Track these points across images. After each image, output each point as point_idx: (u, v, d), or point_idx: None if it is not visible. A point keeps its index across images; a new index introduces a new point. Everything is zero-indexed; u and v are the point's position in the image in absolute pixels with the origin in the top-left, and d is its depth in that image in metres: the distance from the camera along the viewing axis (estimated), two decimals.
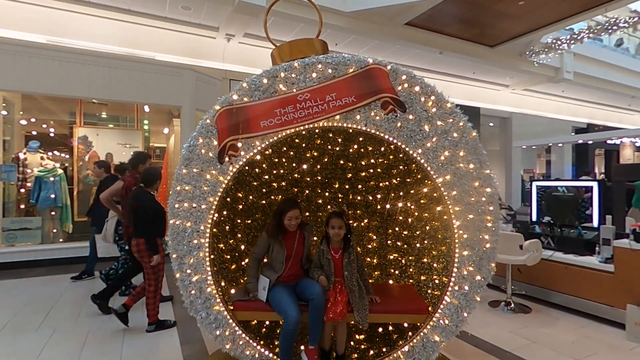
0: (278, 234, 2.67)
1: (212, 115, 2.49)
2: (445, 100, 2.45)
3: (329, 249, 2.66)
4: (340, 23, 7.00)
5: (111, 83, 6.37)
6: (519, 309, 4.10)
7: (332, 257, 2.64)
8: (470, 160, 2.42)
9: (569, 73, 10.29)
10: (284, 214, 2.64)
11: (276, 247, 2.66)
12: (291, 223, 2.64)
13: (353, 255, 2.64)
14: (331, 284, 2.56)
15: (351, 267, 2.60)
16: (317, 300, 2.45)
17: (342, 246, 2.67)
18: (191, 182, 2.47)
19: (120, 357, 3.04)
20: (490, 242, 2.42)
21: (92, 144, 6.89)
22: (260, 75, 2.51)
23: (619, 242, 3.67)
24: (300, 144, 3.29)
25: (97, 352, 3.13)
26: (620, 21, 7.12)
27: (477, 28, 7.97)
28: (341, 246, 2.67)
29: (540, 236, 4.57)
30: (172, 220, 2.49)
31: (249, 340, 2.54)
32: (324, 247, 2.67)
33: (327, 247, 2.67)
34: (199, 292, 2.49)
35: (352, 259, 2.62)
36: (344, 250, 2.65)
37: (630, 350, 3.19)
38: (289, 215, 2.63)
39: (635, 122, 16.10)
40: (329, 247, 2.67)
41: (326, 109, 2.43)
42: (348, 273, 2.58)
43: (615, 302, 3.62)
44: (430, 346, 2.47)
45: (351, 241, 2.70)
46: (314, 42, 2.74)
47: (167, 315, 3.83)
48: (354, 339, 2.99)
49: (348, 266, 2.60)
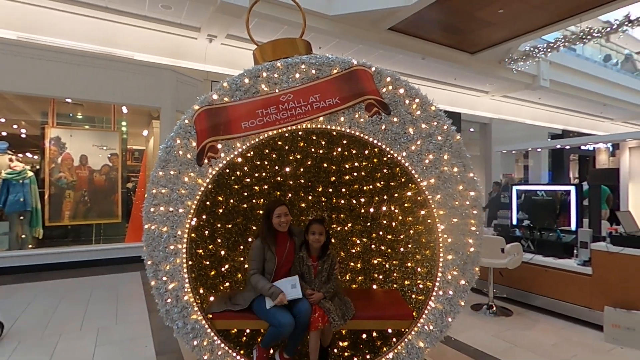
0: (270, 238, 2.54)
1: (190, 115, 2.40)
2: (429, 103, 2.43)
3: (309, 257, 2.60)
4: (324, 26, 6.99)
5: (87, 82, 6.13)
6: (500, 312, 4.13)
7: (312, 265, 2.58)
8: (454, 163, 2.41)
9: (545, 80, 10.62)
10: (271, 213, 2.55)
11: (268, 255, 2.53)
12: (280, 220, 2.53)
13: (327, 264, 2.59)
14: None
15: (321, 275, 2.56)
16: (302, 318, 2.37)
17: (319, 254, 2.62)
18: (168, 185, 2.36)
19: None
20: (475, 246, 2.40)
21: (65, 146, 6.60)
22: (241, 74, 2.43)
23: (596, 245, 3.74)
24: (283, 146, 3.22)
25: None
26: (593, 31, 7.38)
27: (459, 35, 8.11)
28: (318, 254, 2.62)
29: (521, 239, 4.63)
30: (147, 225, 2.37)
31: (228, 350, 2.44)
32: (304, 254, 2.61)
33: (306, 254, 2.60)
34: (176, 300, 2.37)
35: (325, 267, 2.58)
36: (320, 257, 2.60)
37: (608, 352, 3.24)
38: (276, 212, 2.54)
39: (607, 129, 16.76)
40: (309, 254, 2.60)
41: (309, 110, 2.38)
42: (318, 281, 2.55)
43: (593, 304, 3.69)
44: (414, 352, 2.43)
45: (329, 250, 2.65)
46: (297, 42, 2.69)
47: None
48: (337, 346, 2.92)
49: (319, 274, 2.55)
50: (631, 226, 3.66)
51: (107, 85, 6.28)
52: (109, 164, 7.00)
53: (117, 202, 7.03)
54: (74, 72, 6.05)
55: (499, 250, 4.04)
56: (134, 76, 6.53)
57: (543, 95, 12.30)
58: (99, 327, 3.68)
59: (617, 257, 3.52)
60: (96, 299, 4.58)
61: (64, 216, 6.62)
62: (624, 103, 13.57)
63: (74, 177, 6.69)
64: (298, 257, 2.62)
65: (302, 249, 2.63)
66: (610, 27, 7.10)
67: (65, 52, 6.27)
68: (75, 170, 6.70)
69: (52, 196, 6.51)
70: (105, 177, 6.94)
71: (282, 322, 2.32)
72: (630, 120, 16.31)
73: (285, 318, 2.33)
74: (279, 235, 2.60)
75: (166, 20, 6.93)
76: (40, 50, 5.93)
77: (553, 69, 10.89)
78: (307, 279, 2.57)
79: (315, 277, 2.57)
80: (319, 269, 2.57)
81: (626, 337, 3.32)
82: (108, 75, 6.30)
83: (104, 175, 6.95)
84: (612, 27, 7.10)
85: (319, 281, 2.56)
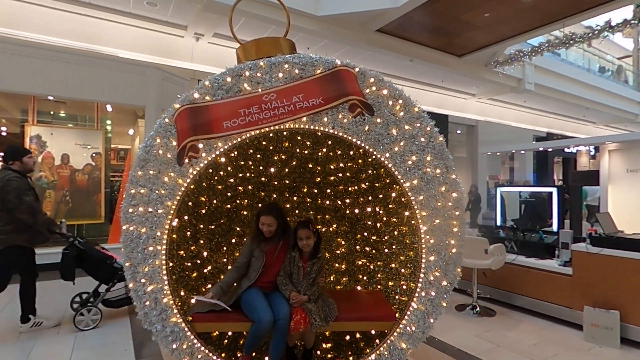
0: (258, 239, 2.59)
1: (171, 114, 2.35)
2: (412, 104, 2.43)
3: (300, 258, 2.57)
4: (312, 27, 6.97)
5: (69, 80, 5.98)
6: (484, 312, 4.17)
7: (302, 266, 2.55)
8: (437, 165, 2.41)
9: (530, 84, 10.81)
10: (258, 218, 2.60)
11: (256, 253, 2.57)
12: (263, 229, 2.57)
13: (317, 266, 2.56)
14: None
15: (309, 276, 2.54)
16: (282, 322, 2.35)
17: (310, 254, 2.59)
18: (147, 185, 2.31)
19: None
20: (457, 247, 2.41)
21: (46, 144, 6.43)
22: (223, 73, 2.39)
23: (576, 245, 3.81)
24: (267, 146, 3.19)
25: None
26: (576, 36, 7.54)
27: (446, 37, 8.19)
28: (309, 254, 2.59)
29: (504, 240, 4.69)
30: (125, 225, 2.31)
31: (208, 354, 2.39)
32: (296, 254, 2.57)
33: (298, 255, 2.57)
34: (155, 303, 2.32)
35: (314, 269, 2.55)
36: (311, 258, 2.58)
37: (588, 351, 3.30)
38: (261, 220, 2.58)
39: (589, 132, 17.18)
40: (301, 255, 2.58)
41: (293, 110, 2.35)
42: (306, 282, 2.52)
43: (573, 304, 3.75)
44: (397, 354, 2.42)
45: (319, 252, 2.62)
46: (280, 42, 2.67)
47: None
48: (320, 348, 2.90)
49: (307, 276, 2.53)
50: (610, 227, 3.74)
51: (91, 83, 6.14)
52: (92, 163, 6.85)
53: (100, 203, 6.88)
54: (56, 69, 5.90)
55: (482, 251, 4.08)
56: (119, 74, 6.40)
57: (528, 99, 12.53)
58: (76, 331, 3.58)
59: (596, 257, 3.59)
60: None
61: None
62: (605, 107, 13.91)
63: (55, 176, 6.52)
64: (290, 257, 2.59)
65: (294, 249, 2.60)
66: (591, 33, 7.27)
67: (47, 48, 6.12)
68: (56, 169, 6.54)
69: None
70: (87, 176, 6.79)
71: (262, 317, 2.31)
72: (611, 123, 16.72)
73: (266, 314, 2.33)
74: (268, 238, 2.61)
75: (152, 17, 6.83)
76: (21, 46, 5.76)
77: (538, 72, 11.10)
78: (294, 280, 2.54)
79: (303, 278, 2.54)
80: (308, 270, 2.55)
81: (605, 336, 3.38)
82: (92, 73, 6.16)
83: (87, 174, 6.80)
84: (594, 33, 7.26)
85: (306, 282, 2.53)
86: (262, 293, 2.51)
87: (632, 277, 3.36)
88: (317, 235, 2.60)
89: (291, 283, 2.54)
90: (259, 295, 2.47)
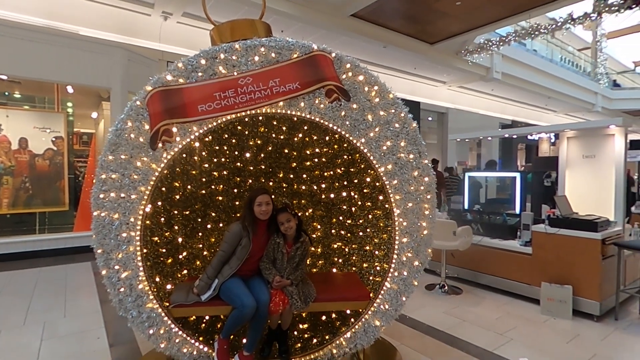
0: (251, 226, 2.49)
1: (142, 96, 2.28)
2: (387, 91, 2.48)
3: (285, 243, 2.58)
4: (286, 9, 6.84)
5: (26, 58, 5.60)
6: (451, 291, 4.40)
7: (286, 252, 2.56)
8: (410, 150, 2.49)
9: (497, 73, 11.19)
10: (253, 201, 2.50)
11: (244, 242, 2.47)
12: (261, 209, 2.48)
13: (300, 251, 2.58)
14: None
15: (293, 260, 2.56)
16: (262, 309, 2.38)
17: (294, 239, 2.61)
18: (119, 170, 2.25)
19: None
20: (428, 229, 2.53)
21: (0, 127, 6.02)
22: (197, 55, 2.34)
23: (536, 227, 4.08)
24: (242, 131, 3.16)
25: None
26: (540, 27, 7.85)
27: (419, 24, 8.29)
28: (293, 239, 2.61)
29: (472, 223, 4.93)
30: (96, 212, 2.25)
31: (186, 338, 2.41)
32: (280, 240, 2.57)
33: (282, 240, 2.58)
34: (129, 289, 2.29)
35: (297, 253, 2.57)
36: (294, 243, 2.60)
37: (544, 323, 3.58)
38: (258, 200, 2.48)
39: (551, 120, 18.08)
40: (285, 241, 2.59)
41: (269, 94, 2.34)
42: (289, 266, 2.55)
43: (532, 281, 4.04)
44: (371, 331, 2.54)
45: (302, 235, 2.62)
46: (256, 24, 2.62)
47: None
48: (297, 328, 2.97)
49: (291, 260, 2.55)
50: (566, 209, 4.02)
51: (50, 62, 5.78)
52: (53, 148, 6.49)
53: (63, 189, 6.56)
54: (11, 46, 5.49)
55: (451, 233, 4.27)
56: (81, 53, 6.05)
57: (496, 87, 12.98)
58: (45, 321, 3.48)
59: (553, 237, 3.87)
60: (41, 291, 4.30)
61: (2, 204, 6.09)
62: (566, 97, 14.66)
63: (12, 161, 6.14)
64: (273, 243, 2.56)
65: (278, 234, 2.58)
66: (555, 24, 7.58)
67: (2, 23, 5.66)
68: (13, 154, 6.15)
69: None
70: (49, 161, 6.44)
71: (245, 303, 2.32)
72: (570, 112, 17.68)
73: (249, 299, 2.34)
74: (260, 224, 2.55)
75: None
76: None
77: (505, 62, 11.49)
78: (278, 265, 2.55)
79: (287, 262, 2.55)
80: (292, 254, 2.56)
81: (559, 309, 3.68)
82: (51, 51, 5.78)
83: (48, 160, 6.44)
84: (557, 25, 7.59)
85: (289, 267, 2.54)
86: (241, 280, 2.49)
87: (584, 254, 3.65)
88: (298, 218, 2.62)
89: (274, 268, 2.56)
90: (239, 282, 2.45)
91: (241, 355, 2.42)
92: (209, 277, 2.45)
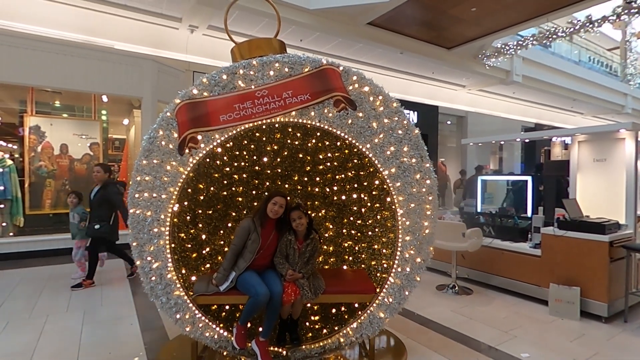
0: (258, 220, 2.76)
1: (172, 108, 2.59)
2: (391, 100, 2.70)
3: (296, 240, 2.84)
4: (304, 20, 7.14)
5: (66, 71, 6.15)
6: (462, 291, 4.51)
7: (297, 248, 2.82)
8: (412, 155, 2.69)
9: (518, 76, 11.08)
10: (270, 198, 2.77)
11: (253, 236, 2.74)
12: (275, 208, 2.74)
13: (310, 247, 2.83)
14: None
15: (304, 255, 2.81)
16: (276, 298, 2.64)
17: (304, 235, 2.86)
18: (151, 173, 2.57)
19: (78, 348, 3.07)
20: (429, 228, 2.71)
21: (45, 134, 6.61)
22: (220, 71, 2.64)
23: (545, 229, 4.14)
24: (260, 137, 3.44)
25: (54, 343, 3.14)
26: (558, 31, 7.79)
27: (435, 31, 8.40)
28: (304, 235, 2.86)
29: (484, 225, 5.02)
30: (132, 209, 2.57)
31: (208, 323, 2.69)
32: (292, 237, 2.83)
33: (294, 237, 2.84)
34: (160, 278, 2.60)
35: (308, 249, 2.82)
36: (304, 239, 2.85)
37: (551, 323, 3.66)
38: (274, 199, 2.76)
39: (578, 122, 17.54)
40: (296, 237, 2.85)
41: (283, 105, 2.61)
42: (300, 261, 2.80)
43: (541, 282, 4.10)
44: (376, 322, 2.74)
45: (312, 233, 2.87)
46: (272, 42, 2.90)
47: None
48: (309, 319, 3.21)
49: (302, 255, 2.81)
50: (575, 212, 4.06)
51: (87, 74, 6.31)
52: (90, 153, 7.04)
53: None
54: (53, 60, 6.05)
55: (460, 234, 4.40)
56: (115, 66, 6.56)
57: (517, 90, 12.81)
58: (84, 309, 3.87)
59: (561, 239, 3.93)
60: None
61: (45, 205, 6.66)
62: (592, 98, 14.25)
63: (55, 165, 6.72)
64: (286, 240, 2.83)
65: (290, 232, 2.84)
66: (573, 28, 7.52)
67: (44, 40, 6.25)
68: (55, 159, 6.73)
69: (33, 185, 6.54)
70: (86, 165, 6.99)
71: (259, 291, 2.58)
72: (599, 114, 17.11)
73: (262, 289, 2.61)
74: (269, 221, 2.82)
75: (147, 10, 6.94)
76: (18, 39, 5.89)
77: (526, 65, 11.36)
78: (291, 260, 2.82)
79: (299, 258, 2.82)
80: (303, 250, 2.82)
81: (567, 310, 3.74)
82: (88, 65, 6.32)
83: (85, 164, 7.00)
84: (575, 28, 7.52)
85: (301, 261, 2.81)
86: (256, 273, 2.77)
87: (592, 256, 3.70)
88: (309, 217, 2.88)
89: (287, 263, 2.82)
90: (253, 274, 2.73)
91: (257, 340, 2.69)
92: (224, 269, 2.73)
